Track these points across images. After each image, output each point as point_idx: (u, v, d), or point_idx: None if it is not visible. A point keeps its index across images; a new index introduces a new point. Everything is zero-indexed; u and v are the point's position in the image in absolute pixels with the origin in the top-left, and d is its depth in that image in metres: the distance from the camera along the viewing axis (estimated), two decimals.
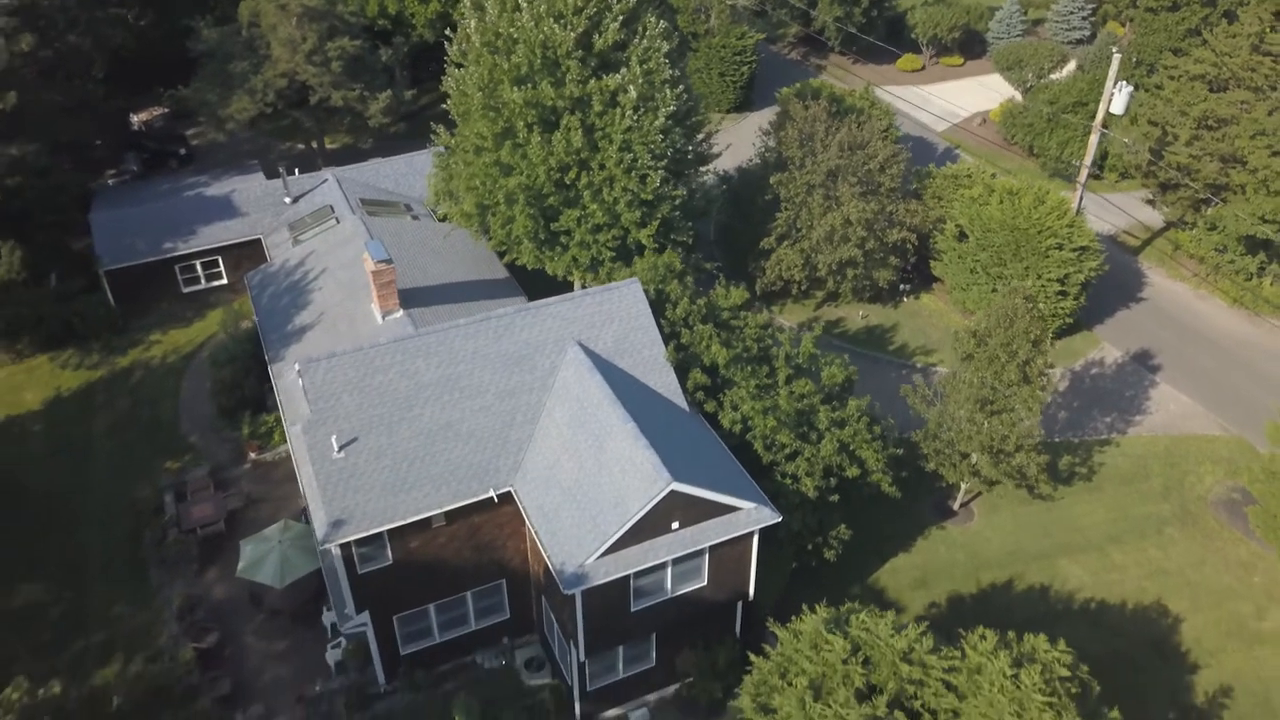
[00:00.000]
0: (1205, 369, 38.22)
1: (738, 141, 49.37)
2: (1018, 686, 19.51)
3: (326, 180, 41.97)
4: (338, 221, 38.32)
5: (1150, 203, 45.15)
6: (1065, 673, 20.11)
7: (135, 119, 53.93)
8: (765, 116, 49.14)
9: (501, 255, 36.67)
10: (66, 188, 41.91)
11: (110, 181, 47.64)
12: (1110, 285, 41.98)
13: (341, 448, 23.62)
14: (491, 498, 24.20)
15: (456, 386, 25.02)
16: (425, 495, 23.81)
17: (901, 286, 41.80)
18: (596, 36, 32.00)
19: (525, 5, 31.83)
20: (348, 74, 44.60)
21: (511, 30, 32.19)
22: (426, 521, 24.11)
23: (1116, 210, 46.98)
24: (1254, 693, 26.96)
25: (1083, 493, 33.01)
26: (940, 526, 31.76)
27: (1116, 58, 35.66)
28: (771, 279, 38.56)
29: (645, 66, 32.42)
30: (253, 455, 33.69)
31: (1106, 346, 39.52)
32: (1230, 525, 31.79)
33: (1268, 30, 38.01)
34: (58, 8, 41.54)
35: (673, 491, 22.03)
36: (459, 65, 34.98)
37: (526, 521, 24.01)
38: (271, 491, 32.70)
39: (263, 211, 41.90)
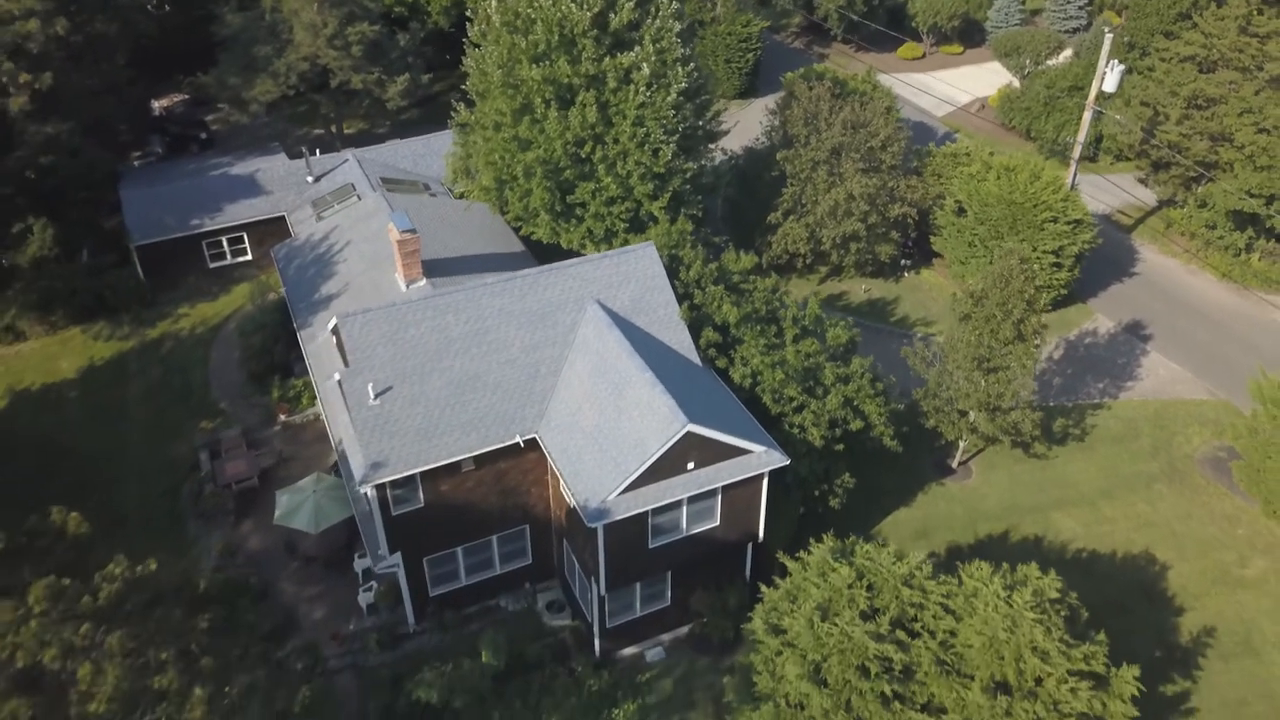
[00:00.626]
0: (1195, 339, 39.76)
1: (743, 126, 50.84)
2: (1010, 605, 21.07)
3: (347, 160, 43.44)
4: (359, 198, 39.79)
5: (1143, 181, 46.68)
6: (1055, 595, 21.68)
7: (156, 105, 55.48)
8: (770, 102, 50.67)
9: (517, 230, 38.14)
10: (97, 167, 43.42)
11: (135, 163, 49.13)
12: (1104, 261, 43.54)
13: (377, 395, 25.16)
14: (517, 443, 25.75)
15: (484, 341, 26.57)
16: (455, 440, 25.37)
17: (902, 261, 43.33)
18: (611, 16, 33.51)
19: None
20: (367, 58, 46.14)
21: (530, 10, 33.71)
22: (456, 466, 25.66)
23: (1110, 191, 48.50)
24: (1235, 632, 28.52)
25: (1076, 452, 34.55)
26: (940, 483, 33.30)
27: (1109, 37, 37.22)
28: (778, 252, 40.08)
29: (658, 45, 33.93)
30: (282, 417, 35.25)
31: (1100, 318, 41.07)
32: (1216, 481, 33.33)
33: (1254, 13, 39.54)
34: None
35: (689, 433, 23.58)
36: (477, 45, 36.50)
37: (550, 463, 25.58)
38: (301, 451, 34.24)
39: (286, 190, 43.37)
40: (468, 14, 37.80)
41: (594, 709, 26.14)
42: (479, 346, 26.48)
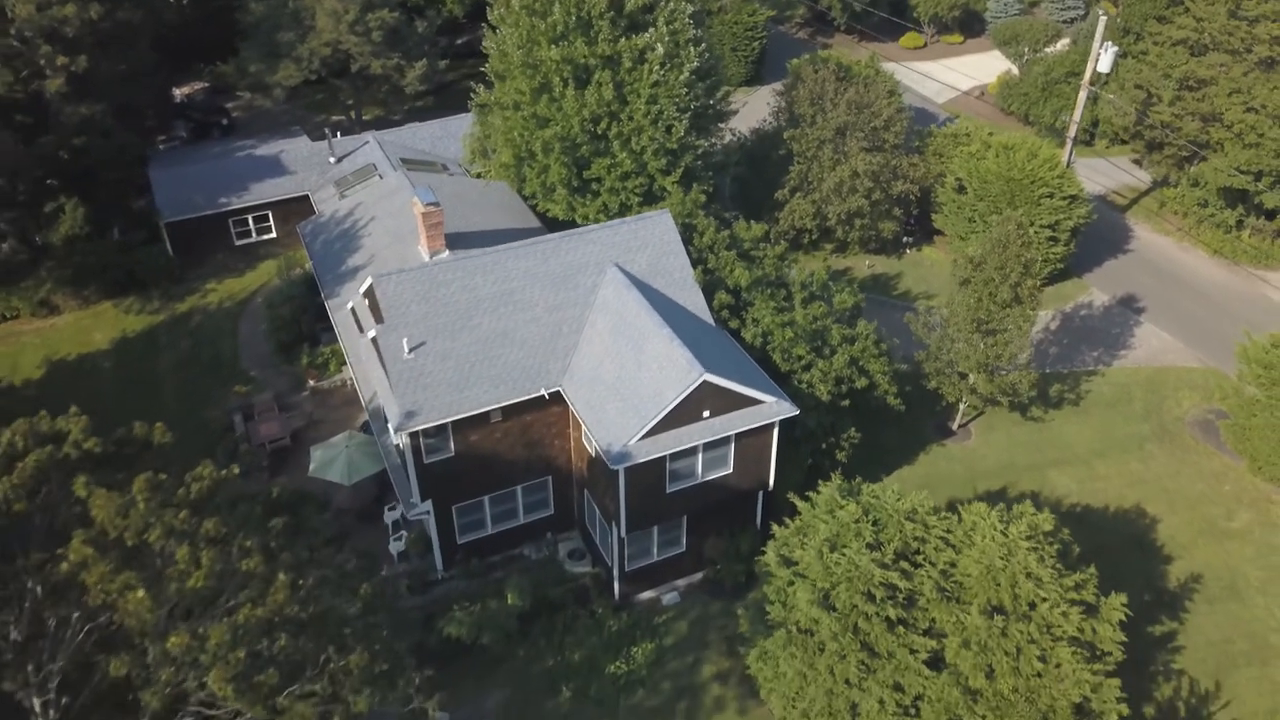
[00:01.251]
0: (1186, 311, 41.30)
1: (750, 112, 52.39)
2: (1006, 536, 22.63)
3: (368, 142, 44.97)
4: (381, 177, 41.33)
5: (1137, 162, 48.22)
6: (1049, 527, 23.23)
7: (178, 92, 57.07)
8: (776, 88, 52.23)
9: (533, 207, 39.66)
10: (126, 148, 44.94)
11: (161, 147, 50.72)
12: (1099, 239, 45.09)
13: (411, 349, 26.72)
14: (542, 395, 27.32)
15: (510, 300, 28.13)
16: (484, 392, 26.94)
17: (905, 238, 44.87)
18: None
19: None
20: (386, 44, 47.70)
21: None
22: (485, 417, 27.24)
23: (1106, 173, 50.11)
24: (1221, 578, 30.06)
25: (1071, 415, 36.10)
26: (941, 444, 34.85)
27: (1102, 19, 38.79)
28: (785, 228, 41.61)
29: (671, 26, 35.47)
30: (311, 382, 36.83)
31: (1095, 291, 42.61)
32: (1204, 442, 34.88)
33: None
34: None
35: (705, 382, 25.15)
36: (494, 29, 38.02)
37: (574, 413, 27.15)
38: (330, 414, 35.80)
39: (309, 170, 44.95)
40: (489, 0, 39.28)
41: (614, 647, 27.71)
42: (506, 306, 28.04)
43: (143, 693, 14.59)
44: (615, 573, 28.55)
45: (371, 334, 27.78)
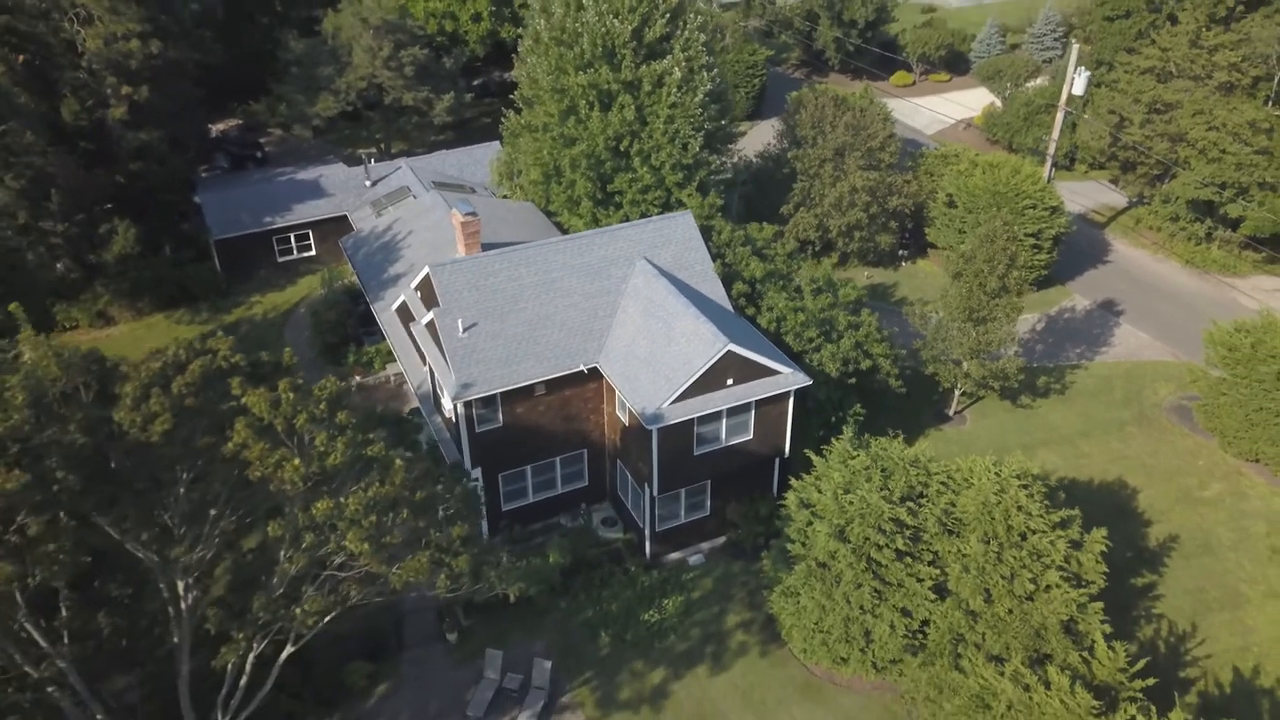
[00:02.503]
0: (1162, 313, 44.75)
1: (752, 144, 56.25)
2: (999, 476, 25.70)
3: (400, 168, 48.57)
4: (415, 198, 44.84)
5: (1114, 183, 52.05)
6: (1037, 472, 26.29)
7: (213, 128, 60.97)
8: (775, 123, 56.17)
9: (557, 224, 43.05)
10: (177, 174, 48.56)
11: (204, 175, 54.33)
12: (1080, 252, 48.74)
13: (465, 329, 29.91)
14: (581, 371, 30.47)
15: (551, 288, 31.39)
16: (530, 367, 30.08)
17: (900, 252, 48.43)
18: (647, 30, 38.83)
19: (589, 4, 38.76)
20: (417, 78, 51.64)
21: (577, 26, 39.07)
22: (530, 390, 30.34)
23: (1085, 195, 54.04)
24: (1195, 538, 33.04)
25: (1057, 403, 39.30)
26: (938, 429, 37.95)
27: (1075, 47, 42.77)
28: (790, 240, 45.06)
29: (686, 54, 39.25)
30: (357, 378, 39.90)
31: (1077, 297, 46.10)
32: (1179, 424, 38.07)
33: (1202, 29, 45.20)
34: (175, 22, 48.51)
35: (729, 351, 28.34)
36: (520, 58, 41.76)
37: (610, 384, 30.27)
38: (374, 407, 38.80)
39: (346, 193, 48.48)
40: (518, 31, 43.07)
41: (646, 599, 30.47)
42: (547, 293, 31.29)
43: (291, 554, 17.47)
44: (646, 533, 31.44)
45: (430, 316, 30.93)
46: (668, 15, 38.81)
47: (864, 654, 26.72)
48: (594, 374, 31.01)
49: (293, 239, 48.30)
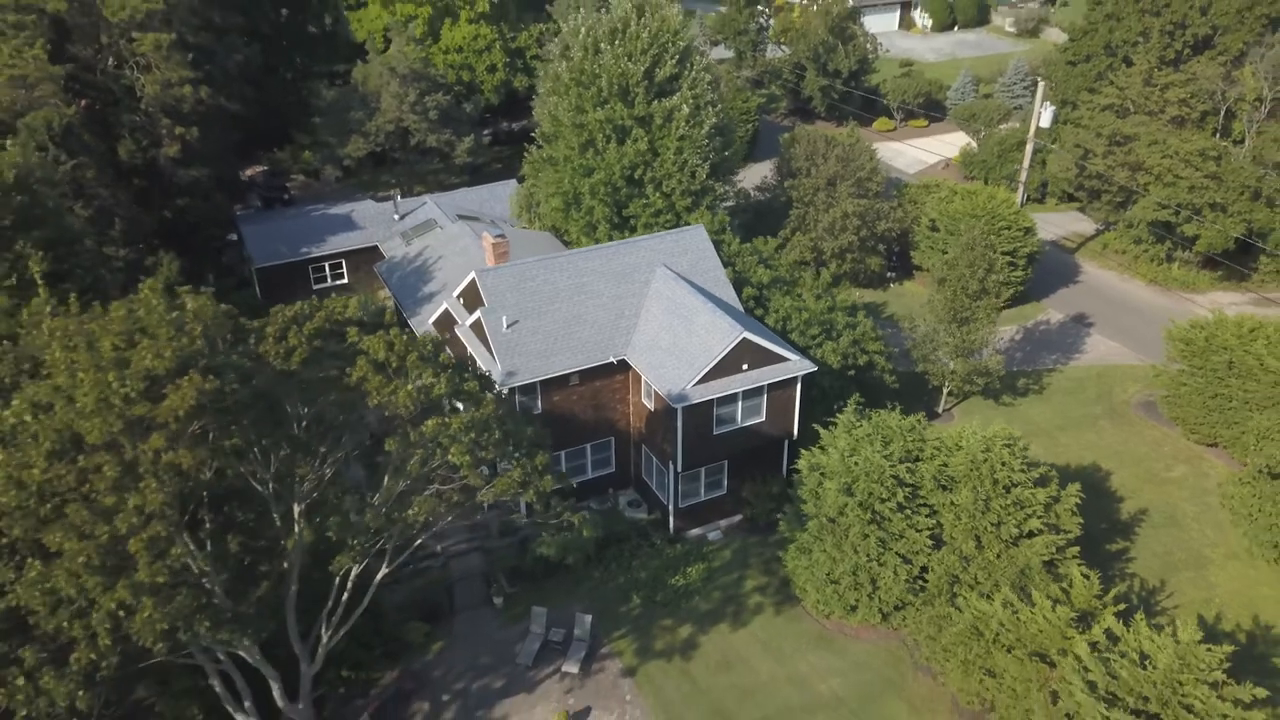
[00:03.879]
0: (1128, 325, 48.91)
1: (747, 184, 60.67)
2: (986, 436, 29.40)
3: (425, 203, 52.66)
4: (441, 228, 48.86)
5: (1082, 210, 56.63)
6: (1018, 435, 30.00)
7: (242, 174, 65.16)
8: (766, 166, 60.76)
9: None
10: (220, 209, 52.51)
11: (239, 212, 58.28)
12: (1053, 273, 53.08)
13: (508, 325, 33.62)
14: (611, 362, 34.15)
15: (582, 291, 35.21)
16: (566, 359, 33.74)
17: (889, 274, 52.62)
18: (658, 70, 43.32)
19: (606, 48, 43.28)
20: (441, 122, 56.00)
21: (595, 68, 43.54)
22: (565, 380, 33.96)
23: (1057, 225, 58.62)
24: (1162, 511, 36.69)
25: (1036, 401, 43.16)
26: (929, 425, 41.62)
27: (1041, 84, 47.51)
28: (792, 253, 49.18)
29: (694, 91, 43.69)
30: None
31: (1051, 311, 50.30)
32: (1146, 418, 41.94)
33: (1154, 70, 50.17)
34: (220, 72, 52.86)
35: (744, 339, 32.13)
36: (536, 98, 46.11)
37: (636, 374, 33.91)
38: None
39: (376, 226, 52.43)
40: (528, 83, 47.46)
41: (671, 567, 33.79)
42: (579, 295, 35.10)
43: (401, 469, 20.88)
44: (670, 509, 34.86)
45: (476, 315, 34.65)
46: (677, 57, 43.34)
47: (871, 599, 30.09)
48: (621, 366, 34.69)
49: (327, 268, 52.05)
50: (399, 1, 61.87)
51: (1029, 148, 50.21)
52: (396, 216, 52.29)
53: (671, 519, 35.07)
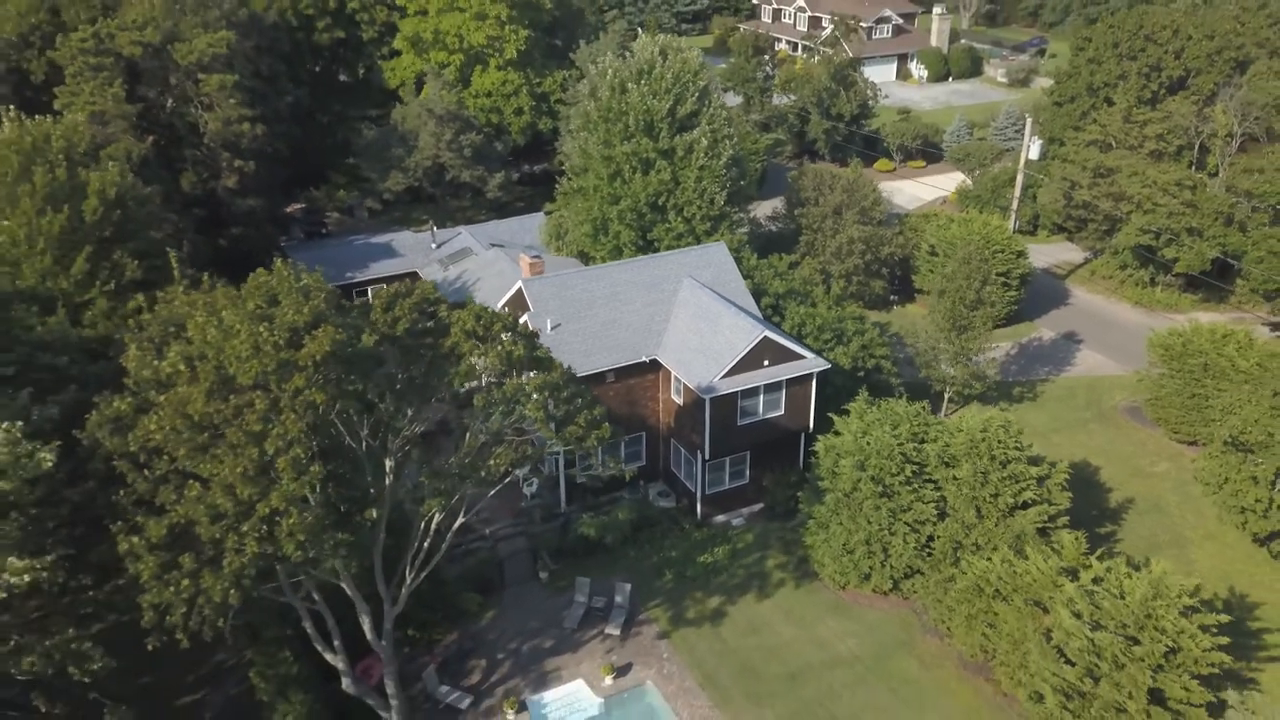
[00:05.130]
0: (1115, 341, 52.65)
1: (758, 215, 64.92)
2: (982, 421, 32.93)
3: (460, 233, 56.71)
4: (477, 255, 52.82)
5: (1070, 240, 60.70)
6: (1012, 420, 33.53)
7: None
8: (774, 203, 65.01)
9: None
10: (269, 239, 56.55)
11: (284, 243, 62.35)
12: (1044, 297, 56.97)
13: (552, 327, 37.32)
14: (644, 361, 37.80)
15: (617, 299, 38.99)
16: (603, 358, 37.39)
17: (891, 296, 56.50)
18: (679, 107, 47.62)
19: (632, 88, 47.63)
20: (474, 159, 60.33)
21: (621, 105, 47.85)
22: (603, 377, 37.55)
23: (1048, 254, 62.68)
24: (1147, 500, 40.08)
25: (1030, 407, 46.71)
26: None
27: (1029, 120, 51.79)
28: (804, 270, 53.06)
29: (712, 126, 47.96)
30: None
31: (1043, 330, 54.08)
32: (1133, 422, 45.47)
33: (1133, 109, 54.59)
34: (273, 112, 57.31)
35: (765, 338, 35.83)
36: (574, 135, 50.33)
37: (667, 368, 37.52)
38: None
39: (415, 254, 56.37)
40: (552, 125, 51.67)
41: (699, 548, 37.10)
42: (614, 302, 38.87)
43: (485, 423, 24.36)
44: (698, 496, 38.26)
45: (524, 318, 38.33)
46: (696, 95, 47.70)
47: (884, 566, 33.40)
48: (653, 365, 38.34)
49: (369, 293, 55.90)
50: (433, 50, 66.60)
51: (1019, 178, 54.38)
52: (434, 245, 56.25)
53: (699, 505, 38.45)
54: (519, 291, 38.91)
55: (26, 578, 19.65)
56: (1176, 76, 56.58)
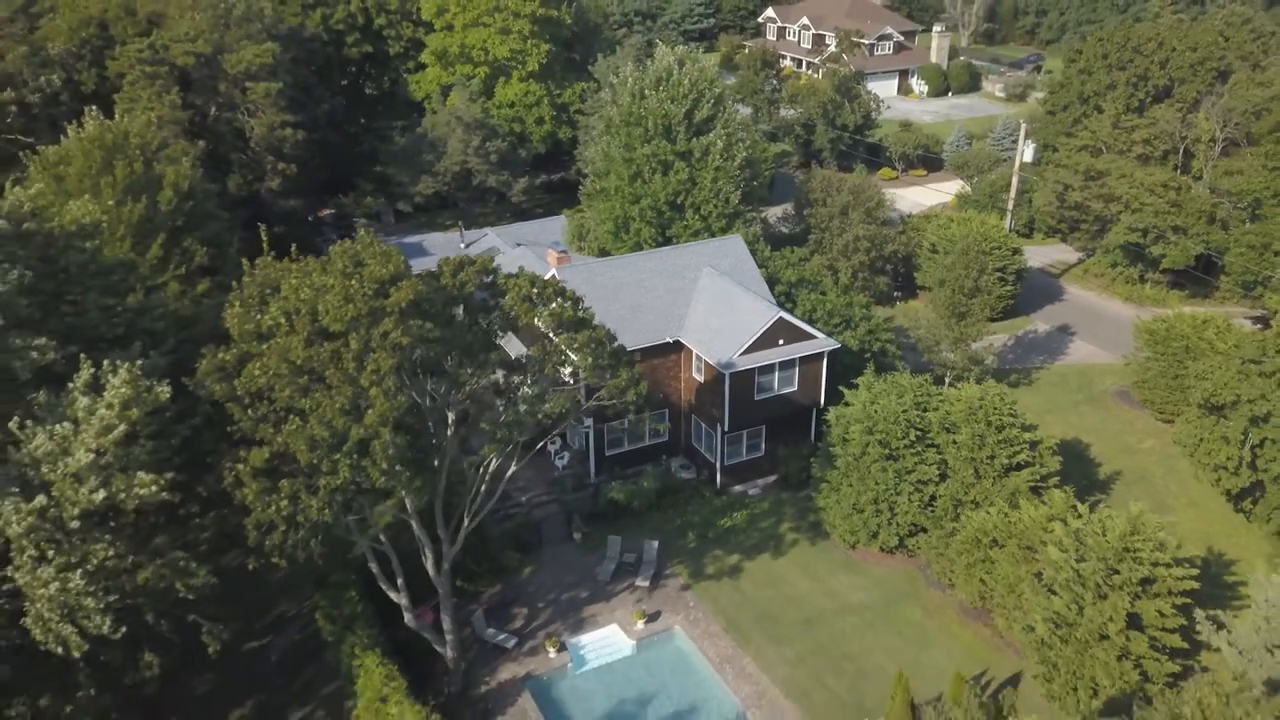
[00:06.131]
0: (1106, 333, 55.86)
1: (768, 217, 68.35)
2: (980, 389, 36.11)
3: (487, 233, 60.10)
4: (503, 253, 56.13)
5: (1064, 241, 64.05)
6: (1006, 389, 36.69)
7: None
8: (784, 207, 68.42)
9: None
10: (308, 239, 59.95)
11: (319, 242, 65.81)
12: (1040, 293, 60.23)
13: None
14: (667, 341, 41.02)
15: (641, 285, 42.25)
16: (630, 338, 40.37)
17: (895, 293, 59.78)
18: (696, 112, 51.07)
19: (651, 94, 51.10)
20: (500, 164, 63.83)
21: (641, 110, 51.32)
22: (630, 356, 40.70)
23: (1044, 256, 65.99)
24: (1134, 472, 43.19)
25: (1026, 391, 49.85)
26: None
27: (1023, 125, 55.24)
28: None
29: (727, 130, 51.41)
30: None
31: (1038, 323, 57.32)
32: (1121, 404, 48.62)
33: (1121, 116, 58.05)
34: (311, 119, 60.86)
35: (780, 318, 39.06)
36: (597, 139, 53.80)
37: (689, 348, 40.73)
38: None
39: (443, 251, 59.59)
40: (571, 133, 55.14)
41: (719, 513, 40.19)
42: (639, 288, 42.14)
43: (538, 374, 27.62)
44: (717, 467, 41.38)
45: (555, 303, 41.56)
46: (712, 100, 51.18)
47: (890, 524, 36.48)
48: (675, 346, 41.55)
49: None
50: (458, 63, 70.27)
51: (1015, 180, 57.81)
52: (462, 245, 59.53)
53: (718, 475, 41.57)
54: (553, 277, 42.08)
55: (154, 489, 22.74)
56: (1162, 86, 60.05)
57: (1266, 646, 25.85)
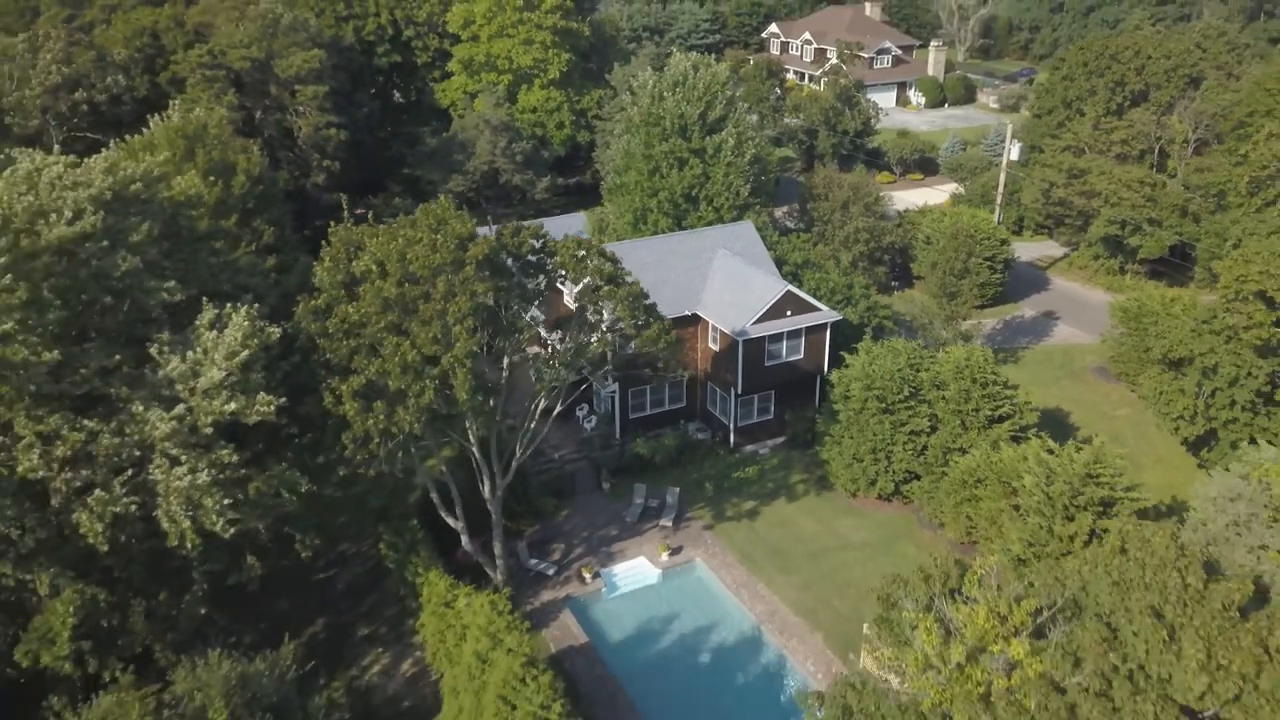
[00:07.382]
0: (1088, 318, 60.38)
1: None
2: (966, 351, 40.61)
3: None
4: None
5: (1050, 236, 68.69)
6: (991, 354, 41.18)
7: None
8: (788, 207, 73.10)
9: None
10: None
11: None
12: (1027, 284, 64.81)
13: None
14: (686, 314, 45.56)
15: (661, 264, 46.80)
16: None
17: (892, 283, 64.37)
18: (710, 112, 55.83)
19: (668, 95, 55.87)
20: (524, 165, 68.58)
21: (659, 111, 56.08)
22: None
23: (1031, 251, 70.62)
24: (1109, 436, 47.03)
25: (1012, 368, 54.28)
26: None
27: (1010, 126, 59.96)
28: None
29: (738, 129, 56.16)
30: None
31: (1025, 309, 61.88)
32: (1099, 379, 53.10)
33: (1101, 118, 62.83)
34: (352, 121, 65.65)
35: (788, 291, 43.61)
36: (618, 138, 58.52)
37: (705, 319, 45.23)
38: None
39: None
40: (590, 137, 59.86)
41: (733, 467, 44.63)
42: (659, 267, 46.65)
43: (588, 316, 32.23)
44: (731, 428, 45.82)
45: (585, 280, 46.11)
46: (724, 102, 55.95)
47: (887, 472, 40.89)
48: (693, 319, 46.07)
49: None
50: (483, 71, 75.20)
51: (1003, 176, 62.55)
52: None
53: (732, 435, 46.01)
54: None
55: (270, 407, 27.19)
56: (1138, 90, 64.79)
57: (1206, 542, 30.21)
